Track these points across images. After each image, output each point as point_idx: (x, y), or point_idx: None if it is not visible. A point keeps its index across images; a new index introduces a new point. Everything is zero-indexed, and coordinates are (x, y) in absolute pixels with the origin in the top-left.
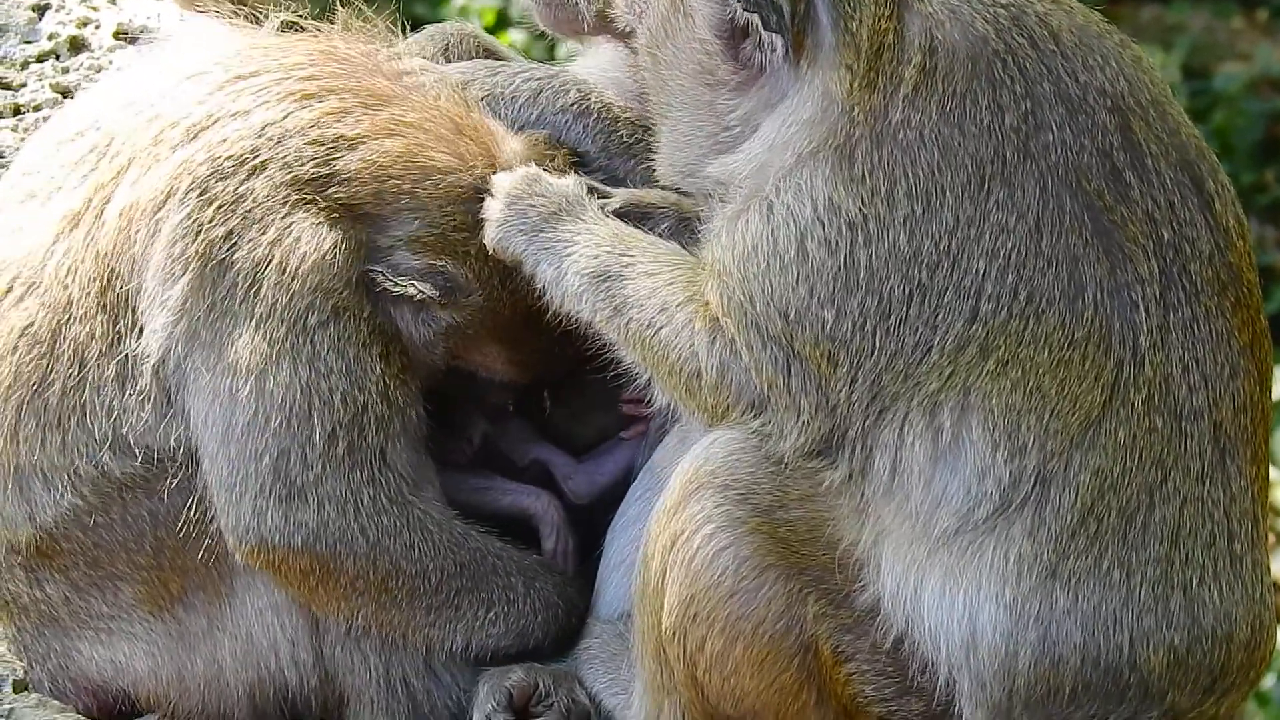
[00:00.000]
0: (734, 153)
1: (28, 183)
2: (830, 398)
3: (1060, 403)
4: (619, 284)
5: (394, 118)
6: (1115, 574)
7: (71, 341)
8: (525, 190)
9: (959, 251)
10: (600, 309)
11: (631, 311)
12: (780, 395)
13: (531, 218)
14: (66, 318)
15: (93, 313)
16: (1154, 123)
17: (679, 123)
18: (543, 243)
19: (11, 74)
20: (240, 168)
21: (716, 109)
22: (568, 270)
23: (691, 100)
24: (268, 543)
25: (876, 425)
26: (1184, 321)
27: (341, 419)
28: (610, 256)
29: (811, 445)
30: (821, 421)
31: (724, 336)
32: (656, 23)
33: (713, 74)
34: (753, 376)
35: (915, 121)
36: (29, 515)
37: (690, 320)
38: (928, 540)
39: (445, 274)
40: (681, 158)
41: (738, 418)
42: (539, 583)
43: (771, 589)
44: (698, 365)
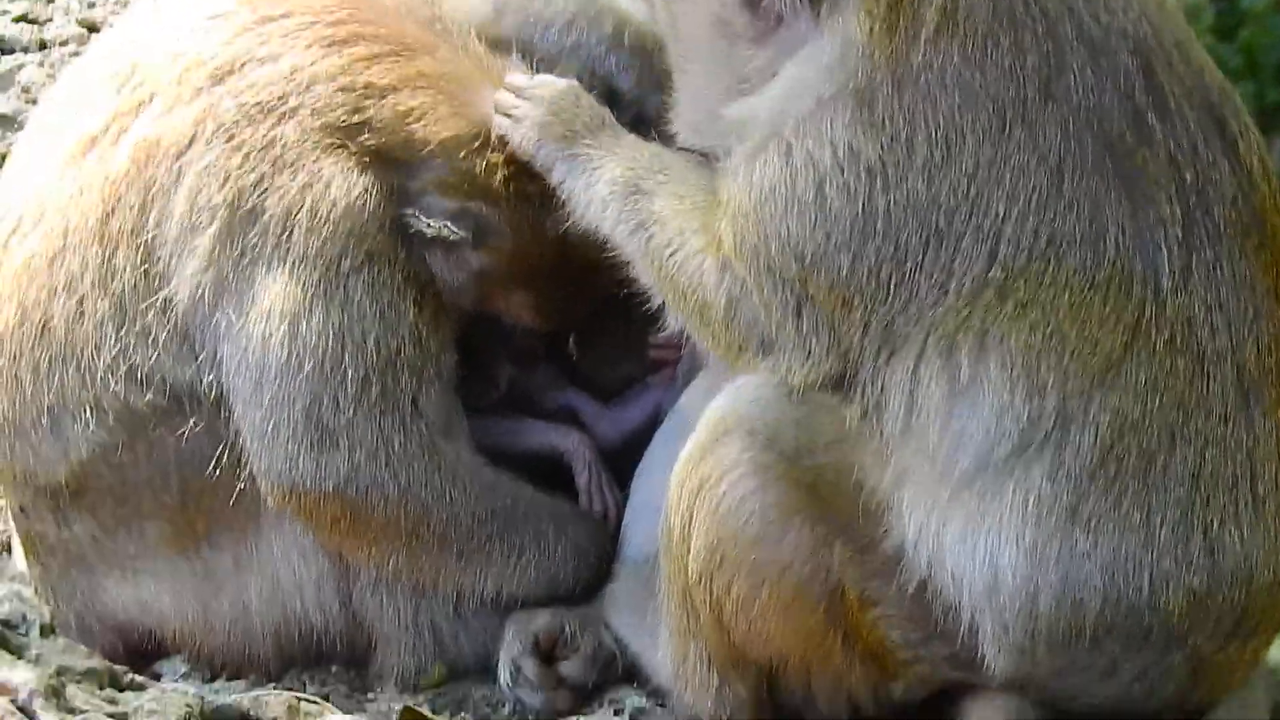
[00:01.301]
0: (754, 96)
1: (48, 115)
2: (842, 341)
3: (1080, 344)
4: (647, 200)
5: (422, 68)
6: (1135, 516)
7: (65, 272)
8: (571, 102)
9: (978, 195)
10: (624, 222)
11: (653, 228)
12: (789, 336)
13: (574, 126)
14: (62, 245)
15: (88, 242)
16: (1177, 65)
17: (696, 74)
18: (580, 149)
19: (38, 8)
20: (269, 114)
21: (734, 60)
22: (600, 179)
23: (708, 52)
24: (300, 488)
25: (888, 366)
26: (1206, 263)
27: (375, 364)
28: (645, 171)
29: (821, 385)
30: (832, 363)
31: (734, 274)
32: None
33: (730, 25)
34: (762, 316)
35: (937, 65)
36: (64, 453)
37: (703, 250)
38: (948, 482)
39: (477, 216)
40: (698, 111)
41: (751, 358)
42: (570, 529)
43: (798, 534)
44: (706, 297)
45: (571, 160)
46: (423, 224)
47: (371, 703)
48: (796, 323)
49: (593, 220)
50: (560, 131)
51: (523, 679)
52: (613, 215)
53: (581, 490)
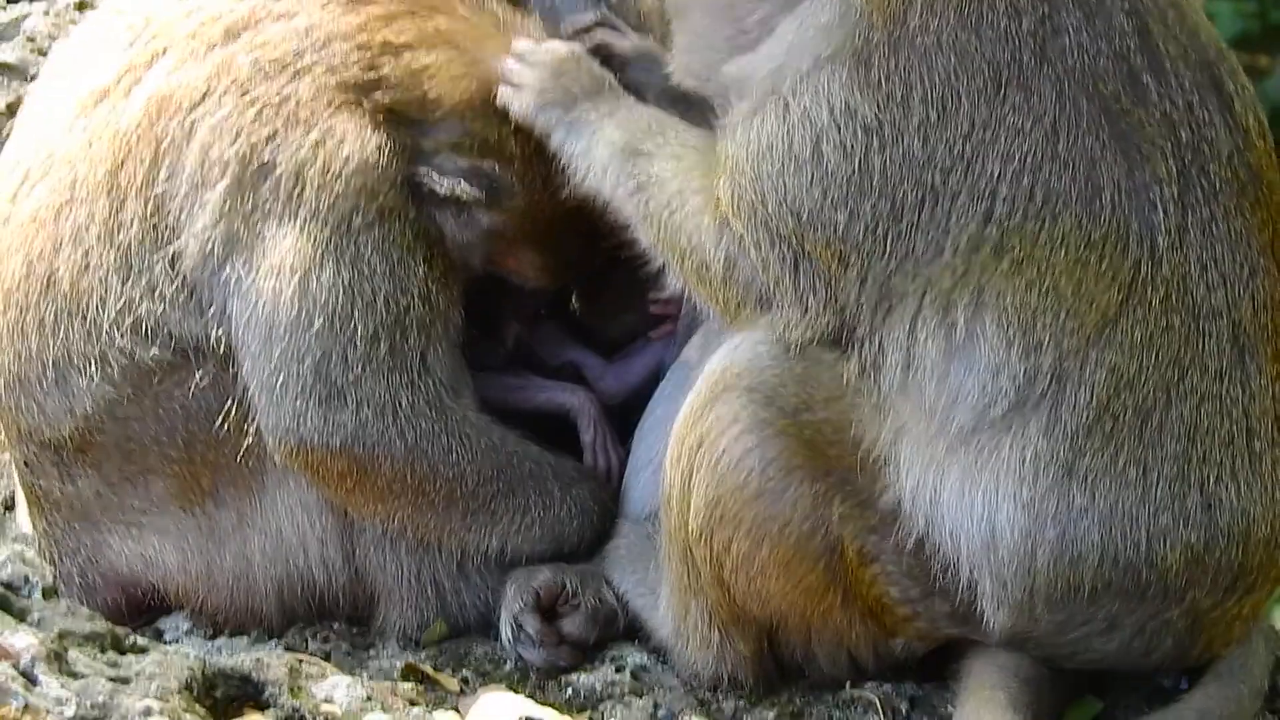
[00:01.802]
0: (751, 53)
1: (59, 68)
2: (839, 297)
3: (1076, 302)
4: (646, 161)
5: (439, 26)
6: (1131, 472)
7: (72, 223)
8: (571, 66)
9: (974, 155)
10: (623, 184)
11: (652, 189)
12: (786, 292)
13: (574, 91)
14: (69, 197)
15: (95, 194)
16: (1172, 25)
17: (695, 23)
18: (579, 114)
19: None
20: (283, 70)
21: (734, 11)
22: (599, 142)
23: (711, 3)
24: (307, 443)
25: (885, 322)
26: (1202, 221)
27: (384, 321)
28: (644, 135)
29: (818, 340)
30: (829, 318)
31: (731, 232)
32: None
33: None
34: (759, 274)
35: (933, 26)
36: (69, 409)
37: (702, 210)
38: (945, 437)
39: (490, 175)
40: (697, 60)
41: (749, 315)
42: (575, 488)
43: (798, 490)
44: (705, 256)
45: (570, 124)
46: (436, 182)
47: (373, 659)
48: (794, 279)
49: (593, 184)
50: (558, 96)
51: (524, 635)
52: (612, 178)
53: (586, 448)
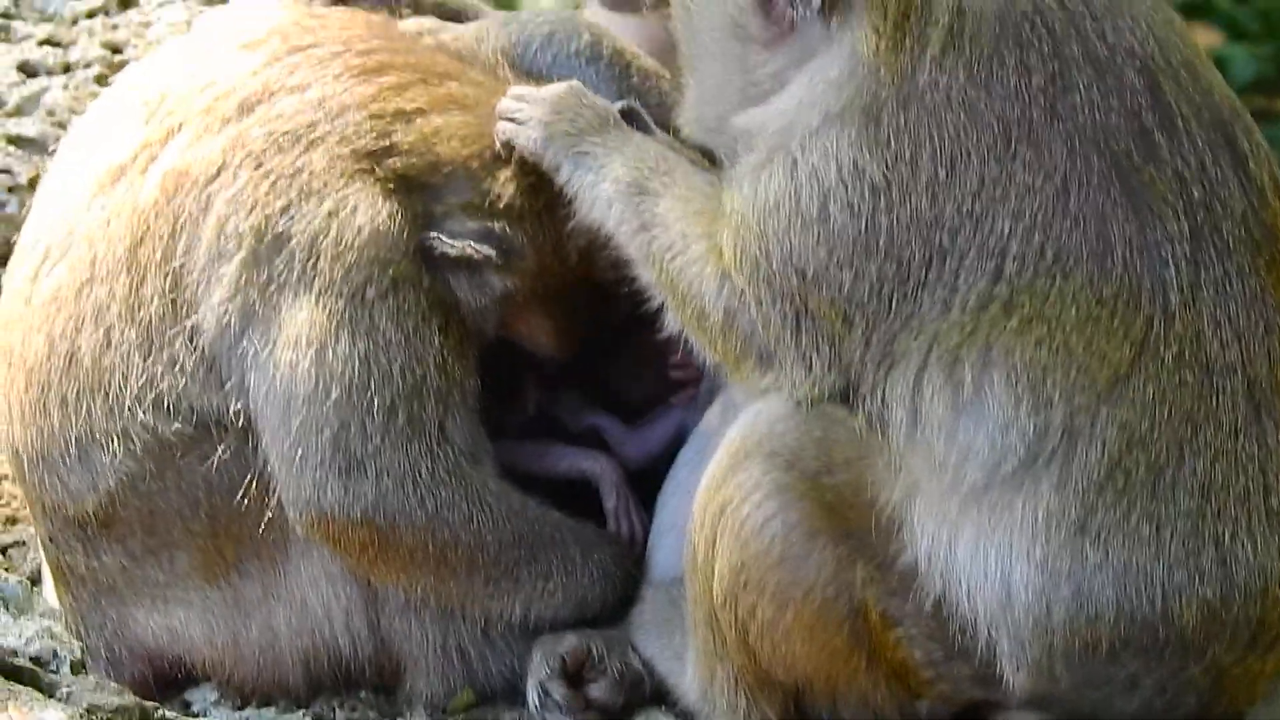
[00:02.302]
0: (761, 106)
1: (77, 144)
2: (844, 356)
3: (1087, 359)
4: (652, 200)
5: (450, 92)
6: (1145, 528)
7: (93, 301)
8: (575, 101)
9: (983, 213)
10: (627, 221)
11: (656, 230)
12: (788, 351)
13: (579, 124)
14: (89, 275)
15: (116, 272)
16: (1185, 83)
17: (707, 75)
18: (586, 147)
19: (61, 31)
20: (297, 142)
21: (746, 64)
22: (606, 177)
23: (721, 53)
24: (328, 515)
25: (887, 378)
26: (1215, 279)
27: (401, 391)
28: (651, 173)
29: (825, 398)
30: (835, 377)
31: (732, 286)
32: None
33: (744, 28)
34: (759, 329)
35: (942, 84)
36: (92, 484)
37: (703, 258)
38: (957, 495)
39: (500, 236)
40: (708, 111)
41: (750, 370)
42: (597, 553)
43: (820, 554)
44: (704, 306)
45: (577, 158)
46: (446, 245)
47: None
48: (796, 337)
49: (597, 218)
50: (564, 129)
51: (551, 702)
52: (616, 214)
53: (610, 514)
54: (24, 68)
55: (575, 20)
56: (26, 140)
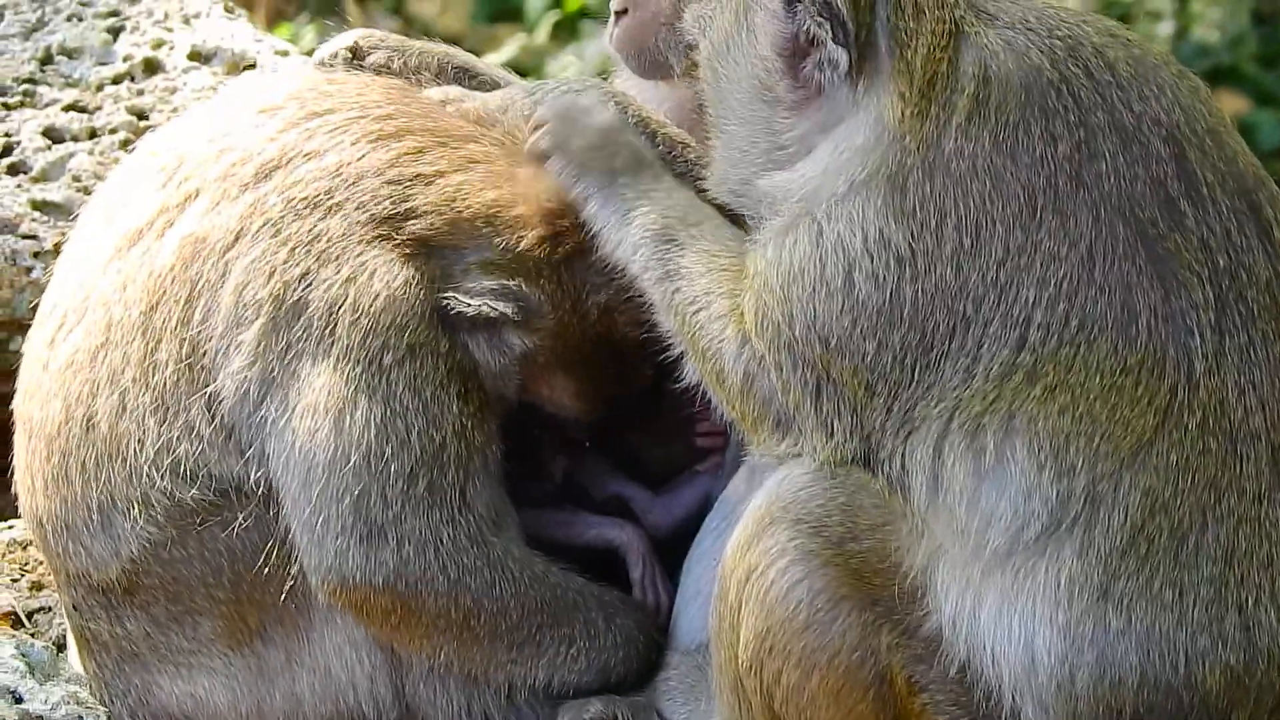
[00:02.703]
0: (787, 170)
1: (96, 210)
2: (865, 423)
3: (1111, 426)
4: (678, 251)
5: (471, 154)
6: (1168, 594)
7: (109, 366)
8: (614, 137)
9: (1008, 282)
10: (652, 268)
11: (680, 282)
12: (808, 417)
13: (615, 164)
14: (104, 340)
15: (130, 336)
16: (1210, 151)
17: (734, 137)
18: (619, 188)
19: (87, 97)
20: (315, 208)
21: (773, 126)
22: (634, 220)
23: (748, 116)
24: (350, 582)
25: (906, 443)
26: (1240, 346)
27: (420, 458)
28: (679, 222)
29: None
30: (856, 444)
31: (753, 350)
32: (720, 38)
33: (771, 91)
34: (778, 395)
35: (968, 151)
36: (115, 551)
37: (726, 317)
38: (980, 560)
39: (518, 294)
40: (734, 173)
41: (768, 433)
42: (620, 618)
43: (846, 620)
44: (723, 366)
45: (607, 197)
46: (463, 304)
47: None
48: (816, 404)
49: (621, 260)
50: (600, 166)
51: None
52: (642, 260)
53: (635, 584)
54: (49, 133)
55: (601, 89)
56: (52, 205)
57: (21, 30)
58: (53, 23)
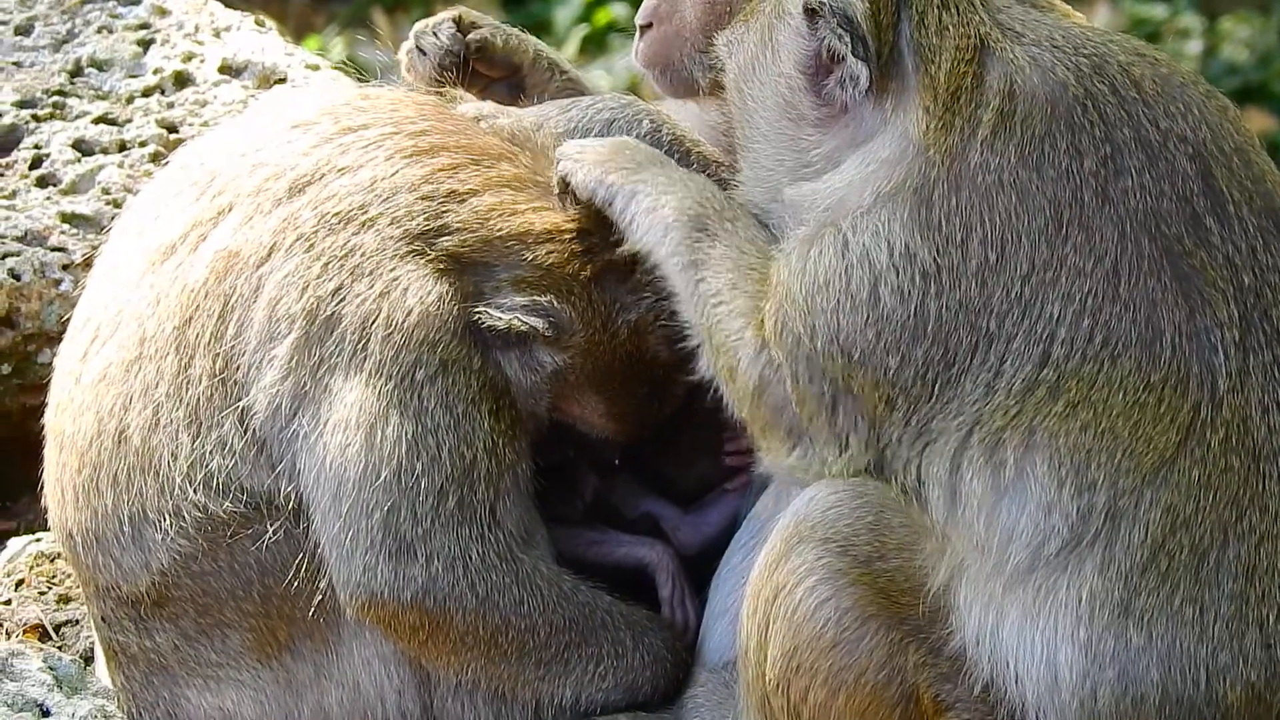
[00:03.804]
0: (813, 182)
1: (129, 224)
2: (882, 437)
3: (1133, 442)
4: (709, 240)
5: (503, 172)
6: (1189, 610)
7: (142, 379)
8: (633, 142)
9: (1032, 297)
10: (680, 253)
11: (706, 272)
12: (822, 429)
13: (639, 159)
14: (138, 354)
15: (164, 350)
16: (1237, 170)
17: (761, 155)
18: (646, 177)
19: (117, 109)
20: (348, 223)
21: (799, 144)
22: (668, 204)
23: (774, 133)
24: (378, 598)
25: (922, 456)
26: (1264, 365)
27: (450, 474)
28: (714, 213)
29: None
30: (870, 456)
31: (770, 358)
32: (745, 58)
33: (795, 108)
34: (792, 404)
35: (994, 165)
36: (145, 563)
37: (745, 316)
38: (1001, 577)
39: (550, 310)
40: (761, 191)
41: (779, 442)
42: (648, 637)
43: (873, 639)
44: (737, 364)
45: (634, 188)
46: (494, 318)
47: None
48: (831, 416)
49: (649, 243)
50: (623, 163)
51: None
52: (671, 243)
53: (665, 603)
54: (79, 145)
55: (636, 106)
56: (82, 218)
57: (52, 42)
58: (83, 35)
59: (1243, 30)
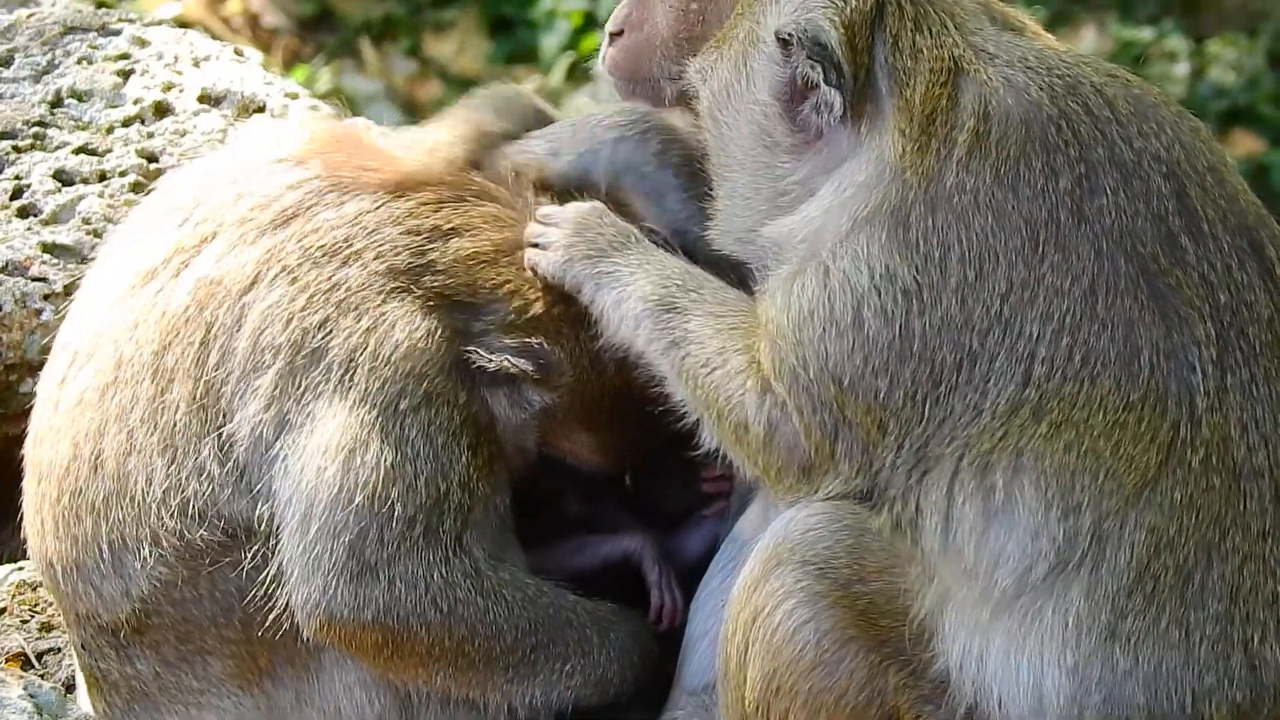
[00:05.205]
0: (790, 215)
1: (111, 250)
2: (875, 461)
3: (1115, 463)
4: (682, 317)
5: (488, 212)
6: (1174, 633)
7: (118, 403)
8: (595, 220)
9: (1012, 315)
10: (657, 339)
11: (690, 347)
12: (824, 458)
13: (600, 244)
14: (114, 378)
15: (140, 375)
16: (1211, 189)
17: (737, 185)
18: (608, 267)
19: (97, 139)
20: (333, 256)
21: (774, 172)
22: (631, 295)
23: (750, 162)
24: (337, 618)
25: (921, 484)
26: (1242, 383)
27: (423, 503)
28: (678, 289)
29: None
30: (862, 481)
31: (774, 397)
32: (720, 85)
33: (770, 135)
34: (802, 440)
35: (969, 185)
36: (125, 591)
37: (744, 371)
38: (988, 602)
39: (539, 351)
40: (738, 221)
41: (791, 481)
42: (613, 633)
43: (853, 661)
44: (745, 418)
45: (599, 278)
46: (484, 359)
47: None
48: (832, 444)
49: (624, 337)
50: (585, 250)
51: None
52: (646, 333)
53: (653, 586)
54: (60, 175)
55: (645, 122)
56: (62, 248)
57: (32, 73)
58: (63, 66)
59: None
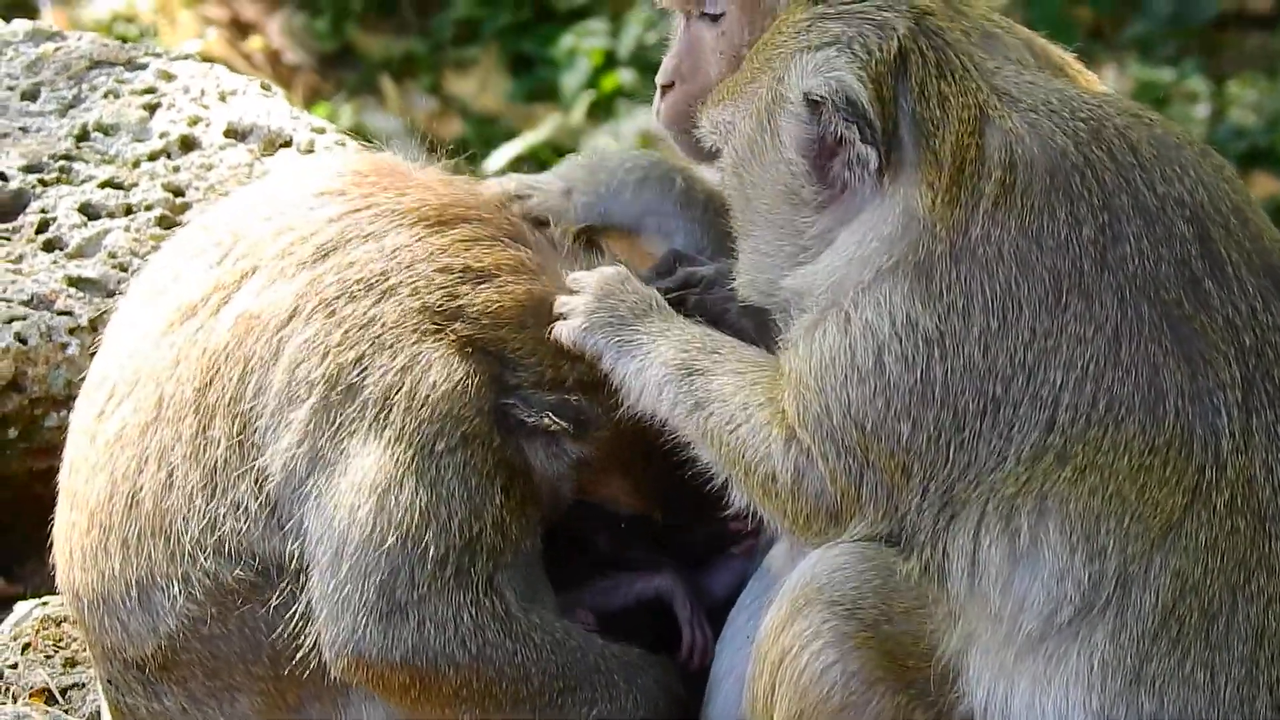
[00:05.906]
0: (810, 265)
1: (147, 284)
2: (900, 506)
3: (1140, 507)
4: (703, 379)
5: (522, 260)
6: (1199, 675)
7: (158, 441)
8: (616, 287)
9: (1035, 364)
10: (681, 402)
11: (713, 406)
12: (850, 503)
13: (620, 312)
14: (155, 415)
15: (183, 413)
16: (1234, 230)
17: (760, 241)
18: (629, 335)
19: (123, 173)
20: (369, 290)
21: (796, 225)
22: (652, 363)
23: (775, 218)
24: (366, 657)
25: (948, 529)
26: (1267, 425)
27: (455, 544)
28: (698, 353)
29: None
30: (888, 525)
31: (800, 445)
32: (743, 143)
33: (797, 194)
34: (828, 485)
35: (994, 237)
36: (152, 627)
37: (769, 423)
38: (1013, 645)
39: (577, 408)
40: (760, 276)
41: (819, 528)
42: (640, 678)
43: (880, 703)
44: (773, 468)
45: (620, 345)
46: (524, 414)
47: None
48: (858, 489)
49: (648, 404)
50: (605, 318)
51: None
52: (669, 397)
53: (685, 623)
54: (85, 209)
55: (667, 165)
56: (88, 282)
57: (58, 107)
58: (89, 100)
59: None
